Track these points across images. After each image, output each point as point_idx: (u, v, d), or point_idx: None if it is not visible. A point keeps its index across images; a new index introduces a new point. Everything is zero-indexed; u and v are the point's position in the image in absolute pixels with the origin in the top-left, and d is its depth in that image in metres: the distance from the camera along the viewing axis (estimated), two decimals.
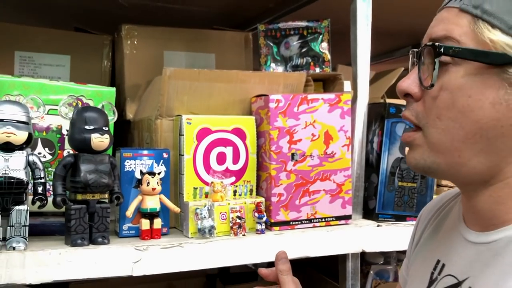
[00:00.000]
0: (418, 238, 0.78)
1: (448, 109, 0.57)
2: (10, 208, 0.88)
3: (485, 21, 0.55)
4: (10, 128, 0.87)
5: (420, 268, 0.72)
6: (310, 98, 1.13)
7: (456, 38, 0.57)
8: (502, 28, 0.54)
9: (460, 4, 0.57)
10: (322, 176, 1.14)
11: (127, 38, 1.40)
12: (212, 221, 1.03)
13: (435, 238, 0.72)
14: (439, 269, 0.66)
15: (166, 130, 1.13)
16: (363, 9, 1.21)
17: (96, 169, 0.94)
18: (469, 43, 0.56)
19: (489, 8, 0.55)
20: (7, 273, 0.85)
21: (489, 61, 0.55)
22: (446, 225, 0.71)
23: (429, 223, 0.76)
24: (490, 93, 0.55)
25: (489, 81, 0.55)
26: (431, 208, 0.79)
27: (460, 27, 0.57)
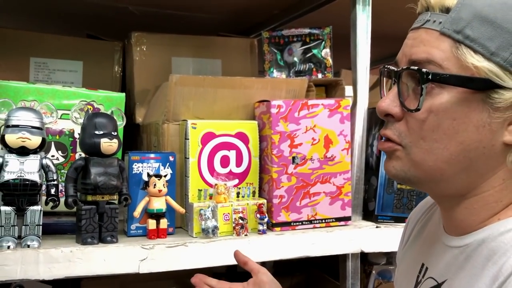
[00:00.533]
0: (405, 241, 0.81)
1: (433, 131, 0.58)
2: (25, 208, 0.94)
3: (467, 47, 0.56)
4: (25, 134, 0.93)
5: (407, 271, 0.75)
6: (311, 103, 1.17)
7: (439, 62, 0.57)
8: (484, 54, 0.55)
9: (441, 28, 0.57)
10: (322, 179, 1.18)
11: (136, 45, 1.46)
12: (216, 221, 1.08)
13: (419, 242, 0.75)
14: (423, 272, 0.69)
15: (172, 134, 1.19)
16: (362, 18, 1.25)
17: (106, 171, 0.99)
18: (452, 68, 0.57)
19: (471, 34, 0.56)
20: (22, 269, 0.90)
21: (473, 87, 0.56)
22: (428, 229, 0.74)
23: (415, 226, 0.79)
24: (474, 116, 0.57)
25: (473, 105, 0.57)
26: (418, 211, 0.81)
27: (442, 51, 0.57)
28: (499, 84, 0.55)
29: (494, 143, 0.57)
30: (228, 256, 1.06)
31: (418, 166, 0.60)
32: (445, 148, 0.58)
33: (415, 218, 0.81)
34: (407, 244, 0.79)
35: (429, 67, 0.58)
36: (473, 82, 0.56)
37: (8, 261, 0.90)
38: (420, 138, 0.59)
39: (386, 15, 1.41)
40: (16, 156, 0.94)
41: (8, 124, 0.94)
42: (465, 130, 0.57)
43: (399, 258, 0.83)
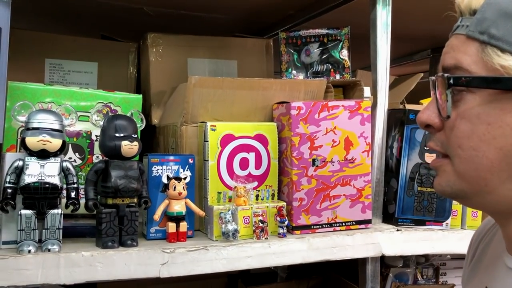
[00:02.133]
0: (469, 262, 0.76)
1: (468, 138, 0.56)
2: (45, 211, 0.93)
3: (493, 46, 0.54)
4: (46, 136, 0.92)
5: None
6: (331, 105, 1.16)
7: (466, 67, 0.56)
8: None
9: (467, 31, 0.56)
10: (342, 181, 1.17)
11: (152, 46, 1.45)
12: (236, 224, 1.07)
13: (483, 264, 0.71)
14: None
15: (191, 136, 1.17)
16: (382, 18, 1.23)
17: (126, 174, 0.98)
18: (480, 71, 0.55)
19: (496, 33, 0.54)
20: (43, 274, 0.90)
21: (503, 87, 0.54)
22: (492, 250, 0.70)
23: (478, 246, 0.75)
24: (509, 119, 0.54)
25: (507, 106, 0.54)
26: (481, 229, 0.77)
27: (468, 55, 0.56)
28: None
29: None
30: (249, 260, 1.05)
31: (462, 177, 0.58)
32: (484, 156, 0.56)
33: (478, 237, 0.77)
34: (471, 266, 0.75)
35: (458, 72, 0.56)
36: (502, 82, 0.53)
37: (29, 265, 0.89)
38: (458, 147, 0.58)
39: (405, 15, 1.39)
40: (37, 159, 0.93)
41: (29, 127, 0.93)
42: (502, 134, 0.54)
43: (464, 281, 0.78)
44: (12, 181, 0.92)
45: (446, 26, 1.75)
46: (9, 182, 0.92)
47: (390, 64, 1.26)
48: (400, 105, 1.40)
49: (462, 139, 0.57)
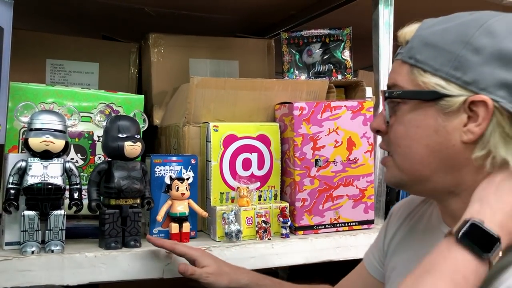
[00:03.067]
0: (392, 234, 0.87)
1: (403, 139, 0.70)
2: (48, 212, 0.93)
3: (418, 68, 0.68)
4: (49, 137, 0.92)
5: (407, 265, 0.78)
6: (333, 105, 1.16)
7: (400, 85, 0.70)
8: (431, 71, 0.67)
9: (401, 57, 0.71)
10: (345, 182, 1.17)
11: (154, 46, 1.45)
12: (239, 225, 1.07)
13: (416, 237, 0.81)
14: None
15: (193, 137, 1.17)
16: (385, 18, 1.23)
17: (129, 175, 0.98)
18: (409, 86, 0.69)
19: (420, 58, 0.68)
20: (46, 275, 0.89)
21: (424, 98, 0.68)
22: (425, 225, 0.81)
23: (404, 222, 0.86)
24: (431, 122, 0.67)
25: (428, 113, 0.68)
26: (404, 207, 0.88)
27: (402, 76, 0.70)
28: (445, 93, 0.66)
29: (455, 143, 0.67)
30: (252, 261, 1.05)
31: (401, 169, 0.72)
32: (416, 152, 0.69)
33: (401, 214, 0.88)
34: (396, 241, 0.86)
35: (395, 89, 0.71)
36: (423, 94, 0.68)
37: (33, 266, 0.88)
38: (397, 146, 0.72)
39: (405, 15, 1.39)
40: (40, 160, 0.93)
41: (31, 128, 0.93)
42: (427, 135, 0.68)
43: (383, 252, 0.89)
44: (15, 182, 0.92)
45: None
46: (12, 183, 0.92)
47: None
48: None
49: (399, 139, 0.71)
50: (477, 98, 0.64)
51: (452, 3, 1.43)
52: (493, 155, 0.65)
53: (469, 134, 0.65)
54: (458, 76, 0.65)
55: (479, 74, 0.64)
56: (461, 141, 0.66)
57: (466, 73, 0.65)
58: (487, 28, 0.65)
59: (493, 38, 0.64)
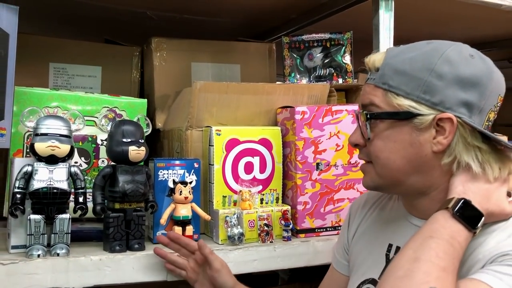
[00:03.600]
0: (355, 228, 0.98)
1: (382, 152, 0.81)
2: (54, 216, 0.94)
3: (392, 92, 0.79)
4: (55, 142, 0.93)
5: (370, 253, 0.90)
6: (334, 109, 1.17)
7: (377, 104, 0.80)
8: (403, 95, 0.78)
9: (374, 82, 0.81)
10: (346, 185, 1.18)
11: (156, 50, 1.46)
12: (241, 228, 1.08)
13: (376, 228, 0.93)
14: (394, 251, 0.86)
15: (196, 140, 1.18)
16: (385, 22, 1.24)
17: (133, 179, 0.99)
18: (385, 107, 0.80)
19: (392, 83, 0.79)
20: (52, 278, 0.91)
21: (400, 118, 0.78)
22: (386, 217, 0.92)
23: (365, 216, 0.97)
24: (406, 137, 0.79)
25: (404, 129, 0.79)
26: (363, 203, 0.99)
27: (377, 97, 0.81)
28: (418, 113, 0.77)
29: (426, 153, 0.78)
30: (255, 263, 1.06)
31: (380, 176, 0.83)
32: (393, 162, 0.80)
33: (361, 210, 0.98)
34: (359, 232, 0.96)
35: (371, 108, 0.81)
36: (399, 115, 0.79)
37: (38, 269, 0.90)
38: (376, 157, 0.82)
39: (404, 19, 1.40)
40: (45, 165, 0.94)
41: (37, 133, 0.94)
42: (403, 148, 0.79)
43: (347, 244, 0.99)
44: (21, 186, 0.93)
45: (443, 31, 1.77)
46: (18, 187, 0.93)
47: None
48: None
49: (379, 152, 0.81)
50: (444, 116, 0.76)
51: (451, 7, 1.45)
52: (458, 160, 0.78)
53: (438, 145, 0.77)
54: (427, 99, 0.77)
55: (444, 96, 0.76)
56: (431, 151, 0.78)
57: (434, 95, 0.76)
58: (445, 57, 0.77)
59: (451, 66, 0.76)
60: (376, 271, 0.87)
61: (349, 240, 0.98)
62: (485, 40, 1.96)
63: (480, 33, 1.84)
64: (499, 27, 1.74)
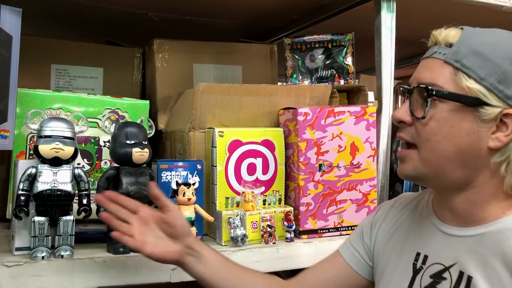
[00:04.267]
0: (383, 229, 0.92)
1: (435, 134, 0.75)
2: (57, 218, 0.94)
3: (463, 73, 0.73)
4: (59, 144, 0.93)
5: (398, 261, 0.86)
6: (337, 111, 1.17)
7: (440, 85, 0.75)
8: (476, 78, 0.73)
9: (444, 58, 0.75)
10: (348, 186, 1.18)
11: (158, 51, 1.46)
12: (244, 229, 1.08)
13: (406, 235, 0.88)
14: (422, 260, 0.82)
15: (198, 142, 1.19)
16: (387, 24, 1.25)
17: (137, 181, 0.99)
18: (450, 88, 0.74)
19: (467, 63, 0.73)
20: (57, 280, 0.91)
21: (466, 103, 0.73)
22: (416, 223, 0.87)
23: (395, 219, 0.92)
24: (466, 125, 0.74)
25: (466, 117, 0.74)
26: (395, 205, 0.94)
27: (443, 76, 0.75)
28: (486, 101, 0.72)
29: (481, 147, 0.74)
30: (258, 265, 1.07)
31: (425, 162, 0.77)
32: (444, 148, 0.75)
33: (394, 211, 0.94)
34: (387, 235, 0.91)
35: (434, 87, 0.75)
36: (466, 99, 0.73)
37: (43, 271, 0.90)
38: (426, 140, 0.76)
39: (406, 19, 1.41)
40: (49, 167, 0.94)
41: (41, 135, 0.94)
42: (459, 135, 0.74)
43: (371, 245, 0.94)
44: (25, 188, 0.93)
45: None
46: (22, 189, 0.93)
47: None
48: None
49: (430, 135, 0.76)
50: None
51: (452, 8, 1.45)
52: (508, 161, 0.74)
53: (496, 141, 0.73)
54: (501, 89, 0.72)
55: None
56: (487, 147, 0.73)
57: (509, 87, 0.72)
58: None
59: None
60: (403, 281, 0.83)
61: (375, 240, 0.94)
62: None
63: None
64: (499, 27, 1.75)
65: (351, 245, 0.97)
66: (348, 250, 0.97)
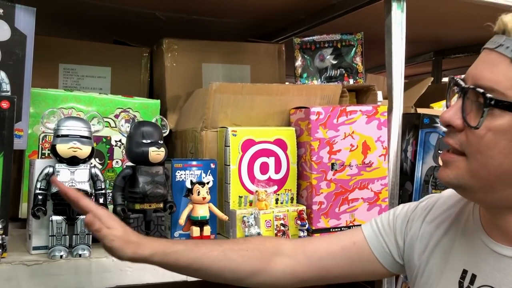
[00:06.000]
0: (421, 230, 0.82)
1: (489, 148, 0.64)
2: (75, 217, 0.94)
3: None
4: (76, 144, 0.93)
5: (442, 274, 0.77)
6: (349, 110, 1.18)
7: (502, 91, 0.62)
8: None
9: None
10: (360, 185, 1.19)
11: (168, 51, 1.46)
12: (258, 228, 1.09)
13: (451, 247, 0.78)
14: (469, 279, 0.73)
15: (210, 141, 1.19)
16: (398, 23, 1.25)
17: (153, 180, 1.00)
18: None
19: None
20: (75, 279, 0.91)
21: None
22: (461, 234, 0.77)
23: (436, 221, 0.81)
24: None
25: None
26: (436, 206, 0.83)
27: (508, 80, 0.62)
28: None
29: None
30: None
31: (473, 175, 0.66)
32: (499, 164, 0.64)
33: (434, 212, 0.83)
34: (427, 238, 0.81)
35: (492, 93, 0.63)
36: None
37: (62, 270, 0.90)
38: (477, 152, 0.65)
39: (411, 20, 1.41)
40: (67, 166, 0.94)
41: (58, 134, 0.94)
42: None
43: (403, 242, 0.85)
44: (42, 187, 0.93)
45: (449, 31, 1.78)
46: (39, 188, 0.93)
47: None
48: (411, 109, 1.43)
49: (484, 147, 0.65)
50: None
51: (460, 8, 1.46)
52: None
53: None
54: None
55: None
56: None
57: None
58: None
59: None
60: None
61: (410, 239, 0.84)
62: (488, 40, 1.98)
63: (484, 33, 1.86)
64: None
65: (380, 234, 0.87)
66: (376, 239, 0.87)
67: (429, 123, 1.26)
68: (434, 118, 1.26)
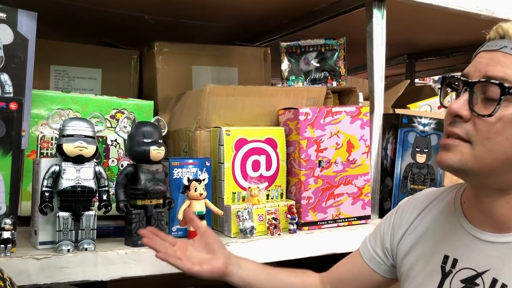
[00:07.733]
0: (404, 230, 0.91)
1: (498, 135, 0.70)
2: (80, 213, 0.99)
3: None
4: (82, 143, 0.98)
5: (426, 263, 0.84)
6: (334, 111, 1.26)
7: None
8: None
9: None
10: (345, 181, 1.27)
11: (159, 54, 1.51)
12: (252, 222, 1.15)
13: (433, 236, 0.85)
14: (451, 263, 0.79)
15: (204, 140, 1.25)
16: (378, 30, 1.34)
17: (154, 177, 1.05)
18: None
19: None
20: (82, 271, 0.96)
21: None
22: (442, 225, 0.84)
23: (416, 218, 0.90)
24: None
25: None
26: (415, 203, 0.92)
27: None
28: None
29: None
30: (266, 254, 1.14)
31: (478, 160, 0.72)
32: (505, 150, 0.71)
33: (412, 210, 0.91)
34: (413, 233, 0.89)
35: (507, 83, 0.70)
36: None
37: (70, 263, 0.95)
38: (485, 138, 0.71)
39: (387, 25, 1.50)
40: (72, 164, 0.99)
41: (64, 134, 0.99)
42: None
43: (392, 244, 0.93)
44: (49, 185, 0.98)
45: (423, 36, 1.89)
46: (46, 186, 0.97)
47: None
48: (390, 110, 1.53)
49: (493, 134, 0.70)
50: None
51: (435, 15, 1.56)
52: None
53: None
54: None
55: None
56: None
57: None
58: None
59: None
60: (431, 284, 0.81)
61: (398, 243, 0.91)
62: (458, 44, 2.10)
63: (454, 38, 1.98)
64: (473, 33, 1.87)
65: (371, 247, 0.98)
66: (368, 252, 0.98)
67: (407, 123, 1.35)
68: (412, 118, 1.35)
